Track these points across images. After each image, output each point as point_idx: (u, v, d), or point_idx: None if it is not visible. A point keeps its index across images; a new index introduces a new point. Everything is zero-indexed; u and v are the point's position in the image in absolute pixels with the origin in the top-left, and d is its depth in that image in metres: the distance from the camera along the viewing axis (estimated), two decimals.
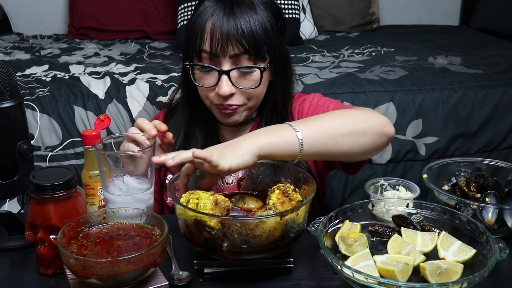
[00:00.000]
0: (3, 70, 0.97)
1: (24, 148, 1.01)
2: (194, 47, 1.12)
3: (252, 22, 1.09)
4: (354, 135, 1.01)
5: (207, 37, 1.09)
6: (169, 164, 0.90)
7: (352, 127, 1.02)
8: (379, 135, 1.04)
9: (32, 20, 3.12)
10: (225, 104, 1.14)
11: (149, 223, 0.93)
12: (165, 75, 1.96)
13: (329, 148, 1.00)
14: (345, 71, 2.02)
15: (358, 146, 1.02)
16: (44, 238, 0.92)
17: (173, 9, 2.76)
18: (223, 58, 1.10)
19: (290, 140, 0.96)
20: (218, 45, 1.08)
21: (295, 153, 0.97)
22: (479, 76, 2.00)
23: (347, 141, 1.01)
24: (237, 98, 1.14)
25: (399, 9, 3.31)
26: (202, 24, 1.10)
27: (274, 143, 0.95)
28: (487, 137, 1.89)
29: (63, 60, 2.27)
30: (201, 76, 1.14)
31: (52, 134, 1.70)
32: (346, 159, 1.11)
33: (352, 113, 1.07)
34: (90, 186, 1.06)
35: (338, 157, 1.06)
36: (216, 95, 1.13)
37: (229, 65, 1.10)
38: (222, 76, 1.10)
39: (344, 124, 1.02)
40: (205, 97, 1.17)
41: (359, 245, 0.92)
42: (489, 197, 1.06)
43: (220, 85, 1.11)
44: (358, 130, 1.02)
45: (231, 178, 1.07)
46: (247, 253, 0.87)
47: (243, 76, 1.12)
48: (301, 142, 0.96)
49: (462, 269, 0.86)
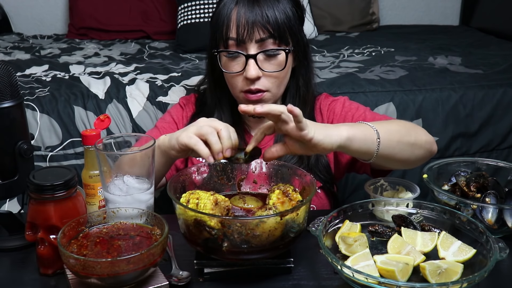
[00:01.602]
0: (3, 70, 0.98)
1: (24, 148, 1.01)
2: (220, 36, 1.18)
3: (275, 8, 1.15)
4: (414, 146, 1.09)
5: (233, 25, 1.15)
6: (258, 110, 0.88)
7: (414, 138, 1.09)
8: (429, 151, 1.13)
9: (32, 20, 3.12)
10: (253, 89, 1.18)
11: (149, 223, 0.93)
12: (165, 75, 1.96)
13: (395, 153, 1.05)
14: (345, 71, 2.02)
15: (414, 157, 1.10)
16: (44, 238, 0.92)
17: (173, 9, 2.76)
18: (249, 43, 1.15)
19: (370, 137, 1.00)
20: (244, 31, 1.14)
21: (372, 151, 1.01)
22: (479, 76, 2.00)
23: (407, 150, 1.08)
24: (263, 82, 1.18)
25: (399, 9, 3.31)
26: (228, 14, 1.16)
27: (357, 137, 0.98)
28: (487, 137, 1.89)
29: (63, 60, 2.27)
30: (228, 63, 1.19)
31: (52, 134, 1.70)
32: (398, 167, 1.16)
33: (411, 124, 1.15)
34: (90, 186, 1.06)
35: (395, 163, 1.11)
36: (243, 80, 1.18)
37: (255, 50, 1.16)
38: (249, 60, 1.16)
39: (409, 134, 1.09)
40: (232, 85, 1.21)
41: (359, 245, 0.92)
42: (489, 197, 1.06)
43: (247, 69, 1.16)
44: (417, 143, 1.09)
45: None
46: (247, 253, 0.87)
47: (268, 60, 1.17)
48: (378, 141, 1.00)
49: (462, 269, 0.86)
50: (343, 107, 1.29)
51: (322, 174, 1.25)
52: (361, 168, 1.27)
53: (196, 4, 2.52)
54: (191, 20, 2.50)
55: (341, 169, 1.31)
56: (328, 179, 1.27)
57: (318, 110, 1.32)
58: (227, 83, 1.24)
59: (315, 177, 1.23)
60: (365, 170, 1.26)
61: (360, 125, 1.03)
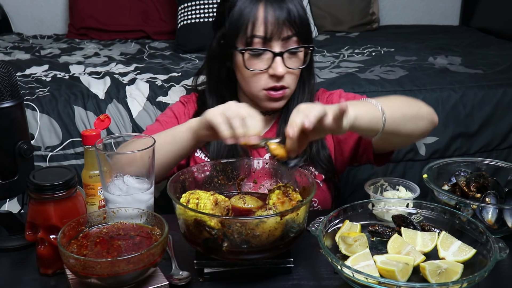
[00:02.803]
0: (3, 70, 0.98)
1: (24, 148, 1.01)
2: (244, 34, 1.17)
3: (298, 6, 1.18)
4: (417, 118, 1.10)
5: (261, 23, 1.15)
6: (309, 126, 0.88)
7: (417, 110, 1.11)
8: (431, 122, 1.15)
9: (32, 20, 3.12)
10: (278, 86, 1.19)
11: (149, 223, 0.93)
12: (165, 75, 1.96)
13: (400, 127, 1.07)
14: (345, 71, 2.02)
15: (418, 129, 1.12)
16: (44, 238, 0.92)
17: (173, 9, 2.76)
18: (276, 41, 1.16)
19: (374, 113, 1.01)
20: (273, 29, 1.15)
21: (378, 128, 1.02)
22: (479, 76, 2.00)
23: (411, 123, 1.09)
24: (286, 79, 1.20)
25: (399, 9, 3.31)
26: (253, 12, 1.16)
27: (363, 116, 0.99)
28: (487, 137, 1.89)
29: (63, 60, 2.27)
30: (251, 62, 1.19)
31: (52, 134, 1.70)
32: (403, 141, 1.17)
33: (410, 98, 1.17)
34: (90, 186, 1.06)
35: (402, 137, 1.11)
36: (269, 78, 1.19)
37: (279, 47, 1.17)
38: (276, 57, 1.16)
39: (411, 107, 1.11)
40: (253, 83, 1.21)
41: (359, 245, 0.92)
42: (489, 197, 1.06)
43: (275, 67, 1.17)
44: (420, 114, 1.11)
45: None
46: (247, 253, 0.87)
47: (291, 57, 1.19)
48: (384, 117, 1.01)
49: (462, 269, 0.86)
50: (340, 97, 1.32)
51: (324, 164, 1.26)
52: (363, 155, 1.27)
53: (196, 4, 2.52)
54: (191, 20, 2.50)
55: (344, 161, 1.32)
56: (330, 169, 1.28)
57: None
58: (244, 82, 1.23)
59: (317, 168, 1.26)
60: (368, 157, 1.26)
61: (364, 103, 1.05)
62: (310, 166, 1.26)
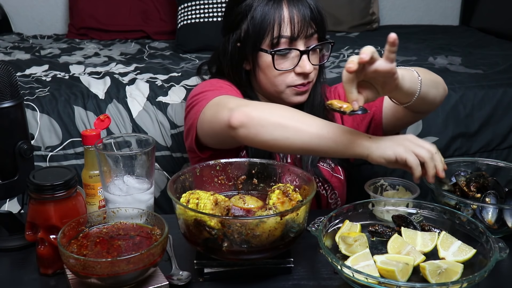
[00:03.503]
0: (3, 70, 0.98)
1: (24, 148, 1.01)
2: (270, 35, 1.19)
3: (316, 3, 1.22)
4: (438, 84, 1.14)
5: (288, 23, 1.18)
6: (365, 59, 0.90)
7: (435, 77, 1.15)
8: (445, 90, 1.18)
9: (32, 20, 3.11)
10: (305, 83, 1.23)
11: (149, 223, 0.93)
12: (165, 75, 1.96)
13: (429, 92, 1.08)
14: None
15: (439, 95, 1.14)
16: (44, 238, 0.92)
17: (173, 9, 2.76)
18: (301, 40, 1.20)
19: (413, 75, 1.02)
20: (300, 28, 1.18)
21: (415, 90, 1.02)
22: (479, 76, 2.00)
23: (435, 88, 1.12)
24: (311, 74, 1.24)
25: (399, 9, 3.31)
26: (278, 12, 1.19)
27: (406, 77, 0.98)
28: (487, 137, 1.89)
29: (63, 60, 2.27)
30: (279, 61, 1.21)
31: (52, 134, 1.70)
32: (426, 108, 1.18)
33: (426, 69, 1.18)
34: (90, 186, 1.06)
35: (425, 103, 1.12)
36: (295, 76, 1.22)
37: (303, 46, 1.21)
38: (303, 55, 1.20)
39: (431, 74, 1.15)
40: (279, 82, 1.23)
41: (359, 245, 0.92)
42: (489, 197, 1.06)
43: (303, 65, 1.20)
44: (438, 81, 1.15)
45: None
46: (247, 253, 0.87)
47: (314, 54, 1.24)
48: (420, 80, 1.03)
49: (462, 269, 0.86)
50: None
51: None
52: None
53: (196, 4, 2.52)
54: (191, 20, 2.50)
55: None
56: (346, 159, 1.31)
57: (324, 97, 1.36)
58: (268, 81, 1.24)
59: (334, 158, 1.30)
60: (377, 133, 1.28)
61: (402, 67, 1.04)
62: (328, 159, 1.30)
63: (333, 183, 1.29)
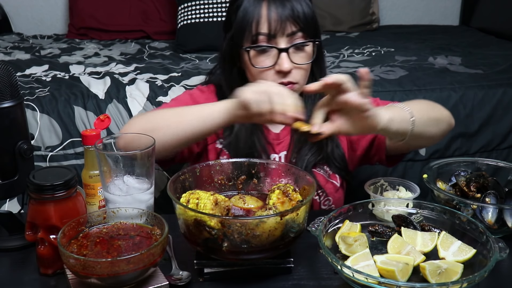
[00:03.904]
0: (3, 70, 0.97)
1: (24, 148, 1.01)
2: (249, 32, 1.19)
3: (303, 4, 1.19)
4: (439, 121, 1.15)
5: (265, 20, 1.17)
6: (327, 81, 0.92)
7: (439, 113, 1.16)
8: (449, 125, 1.18)
9: (32, 20, 3.12)
10: (285, 82, 1.20)
11: (149, 223, 0.93)
12: (165, 75, 1.96)
13: (425, 130, 1.09)
14: (345, 71, 2.02)
15: (440, 131, 1.15)
16: (44, 238, 0.92)
17: (173, 9, 2.76)
18: (280, 37, 1.18)
19: (404, 117, 1.04)
20: (276, 26, 1.17)
21: (407, 131, 1.04)
22: (479, 76, 2.00)
23: (435, 126, 1.13)
24: (294, 74, 1.21)
25: (399, 9, 3.31)
26: (258, 10, 1.18)
27: (395, 119, 1.01)
28: (487, 137, 1.89)
29: (63, 60, 2.27)
30: (258, 59, 1.20)
31: (52, 134, 1.70)
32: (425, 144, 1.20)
33: (431, 102, 1.20)
34: (90, 186, 1.06)
35: (424, 140, 1.14)
36: (275, 74, 1.20)
37: (285, 44, 1.18)
38: (282, 53, 1.18)
39: (434, 110, 1.15)
40: (262, 80, 1.20)
41: (359, 245, 0.92)
42: (489, 197, 1.06)
43: (280, 63, 1.18)
44: (441, 117, 1.16)
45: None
46: (247, 253, 0.87)
47: (297, 53, 1.20)
48: (413, 121, 1.03)
49: (462, 269, 0.86)
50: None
51: (338, 163, 1.28)
52: (375, 156, 1.29)
53: (196, 4, 2.52)
54: (191, 20, 2.50)
55: (355, 161, 1.33)
56: (344, 168, 1.29)
57: None
58: (253, 80, 1.23)
59: (331, 167, 1.28)
60: (380, 157, 1.28)
61: (394, 108, 1.07)
62: (324, 166, 1.28)
63: (327, 189, 1.27)
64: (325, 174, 1.29)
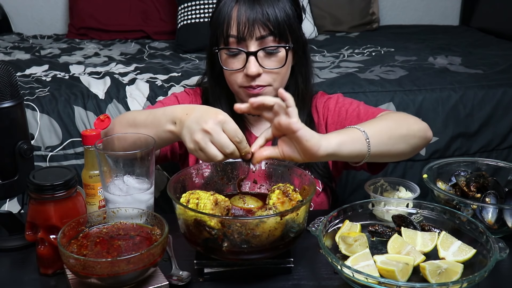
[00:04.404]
0: (3, 70, 0.98)
1: (24, 148, 1.01)
2: (221, 34, 1.19)
3: (275, 6, 1.17)
4: (407, 137, 1.09)
5: (234, 23, 1.16)
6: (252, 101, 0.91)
7: (406, 129, 1.10)
8: (424, 138, 1.13)
9: (32, 20, 3.12)
10: (253, 85, 1.19)
11: (149, 223, 0.93)
12: (165, 75, 1.96)
13: (389, 148, 1.06)
14: (345, 71, 2.02)
15: (409, 147, 1.10)
16: (44, 238, 0.92)
17: (173, 9, 2.76)
18: (250, 40, 1.16)
19: (358, 139, 1.01)
20: (245, 28, 1.15)
21: (364, 152, 1.01)
22: (479, 76, 2.00)
23: (401, 143, 1.08)
24: (264, 78, 1.19)
25: (399, 9, 3.31)
26: (228, 12, 1.18)
27: (346, 142, 0.99)
28: (487, 137, 1.89)
29: (63, 60, 2.27)
30: (229, 61, 1.20)
31: (52, 134, 1.70)
32: (396, 159, 1.16)
33: (400, 116, 1.16)
34: (90, 186, 1.06)
35: (393, 157, 1.11)
36: (244, 77, 1.19)
37: (255, 47, 1.17)
38: (250, 57, 1.16)
39: (399, 127, 1.09)
40: (232, 82, 1.22)
41: (359, 245, 0.92)
42: (489, 197, 1.06)
43: (248, 66, 1.17)
44: (410, 133, 1.10)
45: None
46: (247, 253, 0.87)
47: (269, 57, 1.18)
48: (368, 141, 1.01)
49: (462, 269, 0.86)
50: (337, 103, 1.30)
51: (320, 170, 1.26)
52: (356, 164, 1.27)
53: (196, 4, 2.52)
54: (191, 20, 2.50)
55: (338, 167, 1.32)
56: (327, 174, 1.28)
57: (314, 108, 1.33)
58: (227, 80, 1.24)
59: (313, 173, 1.25)
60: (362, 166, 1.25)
61: (347, 130, 1.03)
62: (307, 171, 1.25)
63: None
64: None
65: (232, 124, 0.92)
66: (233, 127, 0.92)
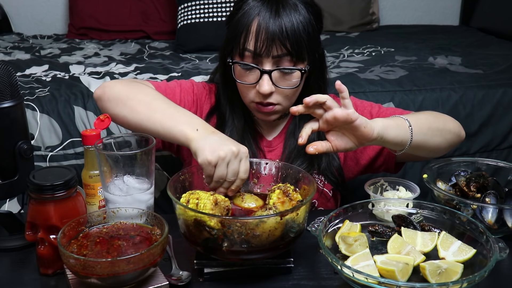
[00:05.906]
0: (3, 70, 0.98)
1: (24, 148, 1.01)
2: (237, 45, 1.15)
3: (296, 23, 1.11)
4: (443, 131, 1.14)
5: (252, 37, 1.12)
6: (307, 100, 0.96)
7: (443, 124, 1.15)
8: (458, 135, 1.18)
9: (32, 20, 3.12)
10: (264, 102, 1.17)
11: (149, 223, 0.93)
12: (165, 75, 1.96)
13: (427, 139, 1.09)
14: (345, 71, 2.02)
15: (445, 142, 1.14)
16: (44, 238, 0.92)
17: (173, 9, 2.76)
18: (266, 58, 1.12)
19: (402, 125, 1.04)
20: (263, 46, 1.11)
21: (406, 139, 1.05)
22: (479, 76, 2.00)
23: (438, 136, 1.12)
24: (276, 97, 1.16)
25: (399, 9, 3.31)
26: (248, 23, 1.12)
27: (392, 126, 1.02)
28: (487, 137, 1.89)
29: (63, 60, 2.27)
30: (242, 74, 1.16)
31: (52, 134, 1.70)
32: (430, 155, 1.18)
33: (437, 113, 1.20)
34: (90, 186, 1.06)
35: (429, 150, 1.14)
36: (256, 93, 1.17)
37: (270, 65, 1.13)
38: (264, 75, 1.13)
39: (437, 120, 1.14)
40: (244, 94, 1.20)
41: (359, 245, 0.92)
42: (489, 197, 1.06)
43: (261, 84, 1.14)
44: (446, 128, 1.15)
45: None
46: (247, 253, 0.87)
47: (283, 77, 1.15)
48: (411, 129, 1.04)
49: (462, 269, 0.86)
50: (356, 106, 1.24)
51: (334, 177, 1.25)
52: (382, 165, 1.28)
53: (196, 4, 2.52)
54: (191, 20, 2.50)
55: (356, 170, 1.31)
56: (340, 181, 1.27)
57: None
58: (239, 90, 1.22)
59: (326, 180, 1.25)
60: (388, 166, 1.27)
61: (391, 117, 1.07)
62: (321, 175, 1.25)
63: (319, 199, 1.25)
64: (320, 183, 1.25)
65: (248, 162, 0.99)
66: (248, 165, 0.99)
